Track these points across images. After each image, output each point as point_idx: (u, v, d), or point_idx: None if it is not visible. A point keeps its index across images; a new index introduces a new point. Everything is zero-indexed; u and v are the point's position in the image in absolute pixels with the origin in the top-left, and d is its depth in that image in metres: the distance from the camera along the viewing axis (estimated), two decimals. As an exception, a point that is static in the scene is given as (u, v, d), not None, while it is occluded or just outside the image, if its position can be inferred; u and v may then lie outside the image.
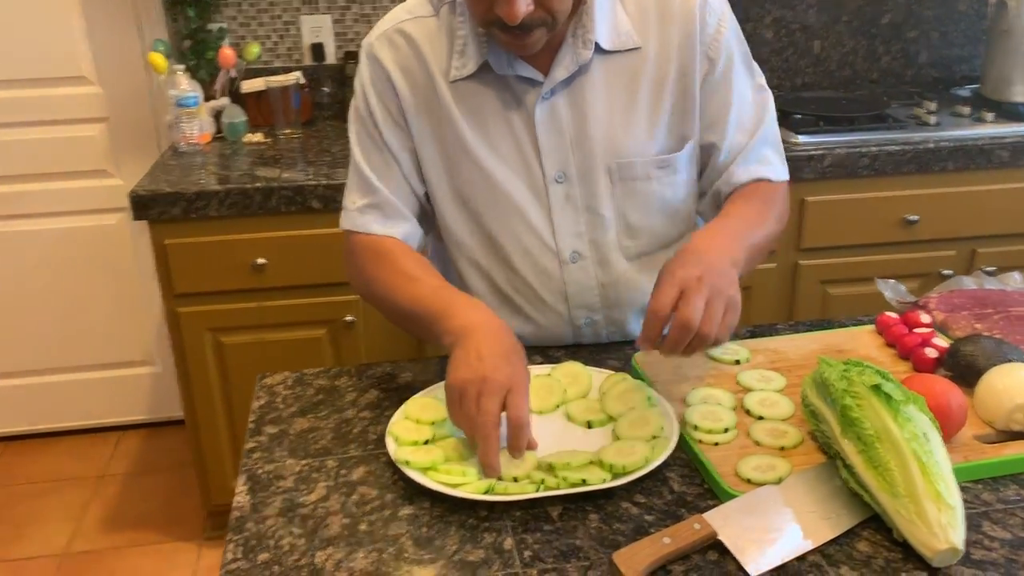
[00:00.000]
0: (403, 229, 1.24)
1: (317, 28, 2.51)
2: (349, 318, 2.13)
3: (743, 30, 1.26)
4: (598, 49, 1.17)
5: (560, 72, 1.17)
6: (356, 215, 1.24)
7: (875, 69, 2.77)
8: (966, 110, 2.36)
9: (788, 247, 2.24)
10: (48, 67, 2.45)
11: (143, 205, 1.99)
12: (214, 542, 2.35)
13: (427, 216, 1.29)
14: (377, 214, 1.23)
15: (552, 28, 1.10)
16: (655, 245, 1.28)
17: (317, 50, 2.51)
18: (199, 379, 2.15)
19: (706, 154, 1.26)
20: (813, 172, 2.16)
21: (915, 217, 2.23)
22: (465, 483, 0.93)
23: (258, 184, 2.00)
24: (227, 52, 2.32)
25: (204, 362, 2.14)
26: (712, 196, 1.28)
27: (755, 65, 1.28)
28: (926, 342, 1.15)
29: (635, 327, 1.31)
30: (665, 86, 1.20)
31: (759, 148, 1.25)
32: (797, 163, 2.13)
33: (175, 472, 2.65)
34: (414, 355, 2.20)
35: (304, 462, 1.02)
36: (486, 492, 0.91)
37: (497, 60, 1.17)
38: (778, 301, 2.31)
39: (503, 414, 0.96)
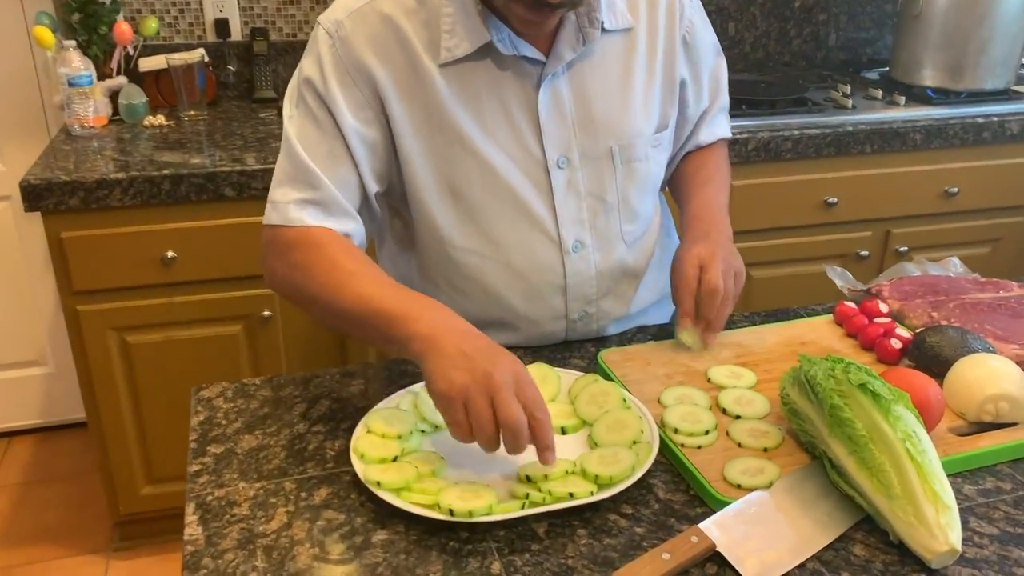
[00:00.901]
0: (348, 226, 1.11)
1: (221, 2, 2.34)
2: (266, 313, 2.01)
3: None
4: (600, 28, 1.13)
5: (567, 52, 1.12)
6: (291, 209, 1.08)
7: (787, 52, 2.80)
8: (878, 93, 2.41)
9: (713, 230, 2.24)
10: (-85, 41, 2.21)
11: (36, 195, 1.81)
12: (123, 554, 2.19)
13: (373, 218, 1.19)
14: (317, 210, 1.09)
15: (575, 7, 1.06)
16: (644, 226, 1.27)
17: (221, 26, 2.35)
18: (103, 381, 1.99)
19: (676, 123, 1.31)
20: (737, 156, 2.16)
21: (834, 199, 2.27)
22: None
23: (165, 171, 1.86)
24: (123, 27, 2.14)
25: (108, 363, 1.98)
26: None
27: (715, 39, 1.33)
28: (889, 333, 1.15)
29: (615, 327, 1.27)
30: (655, 66, 1.21)
31: (717, 112, 1.36)
32: (722, 146, 2.13)
33: (75, 480, 2.46)
34: (336, 351, 2.11)
35: (258, 485, 0.93)
36: (469, 514, 0.84)
37: (500, 39, 1.08)
38: (703, 284, 2.31)
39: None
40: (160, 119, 2.18)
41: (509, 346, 1.20)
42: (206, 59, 2.25)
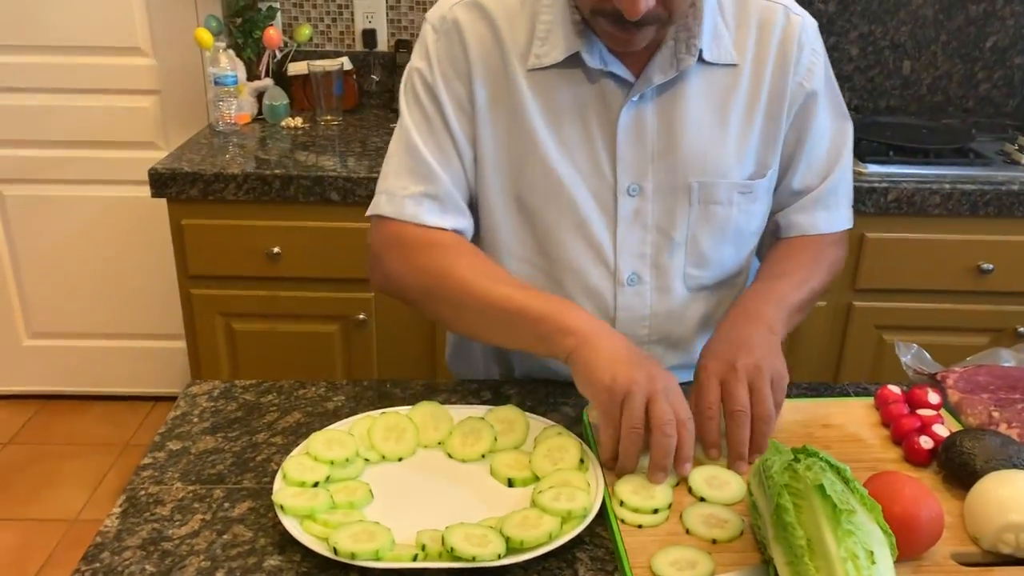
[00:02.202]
0: (460, 223, 1.12)
1: (370, 13, 2.43)
2: (361, 316, 2.05)
3: (826, 44, 1.18)
4: (699, 58, 1.06)
5: (657, 76, 1.06)
6: (408, 203, 1.09)
7: (971, 96, 2.51)
8: (1066, 151, 2.10)
9: (842, 286, 2.05)
10: (104, 36, 2.46)
11: (162, 182, 1.96)
12: (217, 527, 2.32)
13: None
14: (434, 205, 1.10)
15: (665, 26, 1.01)
16: (718, 277, 1.17)
17: (369, 36, 2.44)
18: (209, 362, 2.12)
19: (776, 185, 1.18)
20: (875, 206, 1.96)
21: (990, 266, 2.00)
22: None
23: (277, 171, 1.95)
24: (271, 32, 2.27)
25: (214, 345, 2.10)
26: (769, 227, 1.21)
27: (841, 101, 1.19)
28: (924, 428, 0.98)
29: (681, 366, 1.18)
30: (756, 109, 1.11)
31: (826, 195, 1.18)
32: (859, 195, 1.93)
33: (195, 449, 2.64)
34: (427, 359, 2.12)
35: (191, 488, 0.94)
36: (352, 556, 0.80)
37: (590, 52, 1.05)
38: (827, 344, 2.11)
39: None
40: (298, 121, 2.30)
41: (553, 381, 1.16)
42: (346, 67, 2.34)
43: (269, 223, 1.99)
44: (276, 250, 2.00)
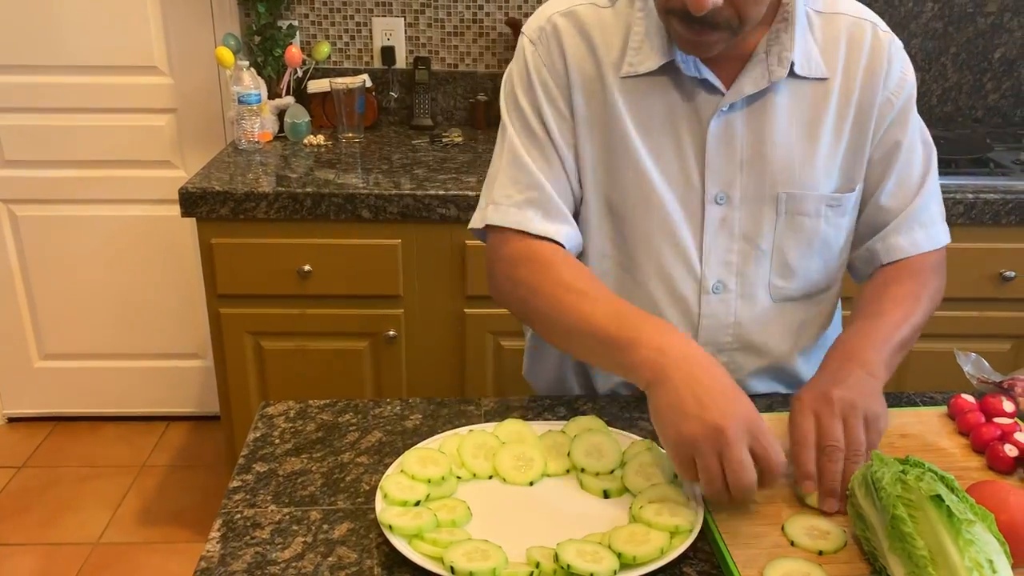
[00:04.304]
0: (565, 231, 1.12)
1: (389, 31, 2.44)
2: (391, 333, 2.05)
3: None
4: (790, 72, 1.08)
5: (748, 86, 1.07)
6: (513, 211, 1.11)
7: (980, 107, 2.56)
8: (1080, 159, 2.15)
9: (867, 295, 2.07)
10: (122, 55, 2.45)
11: (192, 202, 1.95)
12: (242, 547, 2.30)
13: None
14: (538, 211, 1.10)
15: (735, 34, 1.02)
16: (803, 291, 1.18)
17: (387, 53, 2.45)
18: (237, 381, 2.11)
19: (862, 202, 1.18)
20: (900, 216, 1.98)
21: (1012, 273, 2.04)
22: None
23: (308, 189, 1.95)
24: (293, 51, 2.28)
25: (243, 365, 2.09)
26: (868, 255, 1.20)
27: (923, 124, 1.20)
28: (1006, 437, 1.00)
29: (754, 383, 1.21)
30: (845, 123, 1.12)
31: (922, 210, 1.17)
32: (883, 205, 1.97)
33: (215, 469, 2.62)
34: (456, 377, 2.12)
35: (286, 511, 0.94)
36: (470, 575, 0.80)
37: (684, 60, 1.07)
38: (851, 351, 2.13)
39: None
40: (320, 139, 2.30)
41: (628, 397, 1.17)
42: (367, 85, 2.34)
43: (300, 241, 1.99)
44: (307, 268, 1.99)
